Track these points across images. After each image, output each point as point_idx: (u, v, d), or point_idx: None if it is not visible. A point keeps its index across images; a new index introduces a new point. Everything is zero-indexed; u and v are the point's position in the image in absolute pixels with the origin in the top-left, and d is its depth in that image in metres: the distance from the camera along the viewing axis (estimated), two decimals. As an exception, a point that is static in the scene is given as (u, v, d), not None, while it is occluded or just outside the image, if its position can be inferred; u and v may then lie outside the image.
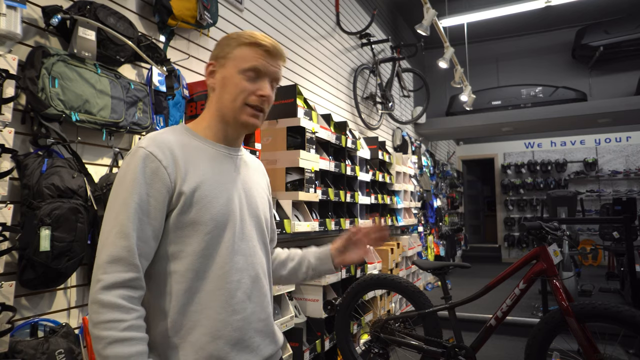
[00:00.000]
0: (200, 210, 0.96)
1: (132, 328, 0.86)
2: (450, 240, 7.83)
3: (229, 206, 1.01)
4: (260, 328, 1.03)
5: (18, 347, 1.31)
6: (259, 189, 1.15)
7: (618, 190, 9.15)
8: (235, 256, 1.00)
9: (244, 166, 1.12)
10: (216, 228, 0.98)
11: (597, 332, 2.17)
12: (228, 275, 0.98)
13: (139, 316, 0.88)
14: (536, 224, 2.41)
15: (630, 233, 3.75)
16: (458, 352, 2.40)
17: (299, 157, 2.58)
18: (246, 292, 1.01)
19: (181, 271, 0.95)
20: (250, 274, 1.02)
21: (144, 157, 0.93)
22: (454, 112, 7.62)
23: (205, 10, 2.16)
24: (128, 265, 0.88)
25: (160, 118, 1.95)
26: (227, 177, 1.04)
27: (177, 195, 0.95)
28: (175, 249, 0.96)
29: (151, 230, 0.92)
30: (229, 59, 1.03)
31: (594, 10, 6.84)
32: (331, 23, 4.24)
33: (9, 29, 1.36)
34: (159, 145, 0.96)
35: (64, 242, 1.41)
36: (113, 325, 0.84)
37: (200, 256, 0.96)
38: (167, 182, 0.94)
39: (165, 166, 0.94)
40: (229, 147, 1.09)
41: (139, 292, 0.90)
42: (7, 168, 1.33)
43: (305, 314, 2.79)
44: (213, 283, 0.96)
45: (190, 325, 0.94)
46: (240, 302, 0.99)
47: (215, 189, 0.99)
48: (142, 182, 0.92)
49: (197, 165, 0.99)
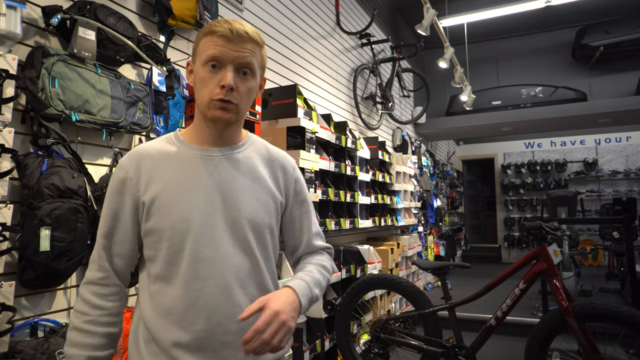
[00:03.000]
0: (159, 218, 0.98)
1: (92, 322, 0.98)
2: (450, 240, 7.83)
3: (190, 213, 0.97)
4: (230, 340, 0.97)
5: (18, 347, 1.31)
6: (252, 189, 1.05)
7: (618, 190, 9.15)
8: (198, 264, 0.96)
9: (232, 165, 1.04)
10: (175, 235, 0.97)
11: (597, 332, 2.17)
12: (189, 284, 0.96)
13: (103, 314, 0.99)
14: (536, 224, 2.41)
15: (630, 233, 3.75)
16: (458, 352, 2.40)
17: (299, 157, 2.58)
18: (209, 302, 0.96)
19: (153, 274, 1.00)
20: (217, 283, 0.96)
21: (118, 169, 1.03)
22: (454, 112, 7.61)
23: (205, 10, 2.16)
24: (98, 266, 1.01)
25: (160, 118, 1.95)
26: (198, 182, 1.00)
27: (141, 204, 1.00)
28: (149, 253, 1.01)
29: (123, 235, 1.01)
30: (196, 53, 1.02)
31: (594, 10, 6.84)
32: (331, 23, 4.24)
33: (9, 29, 1.36)
34: (131, 156, 1.03)
35: (64, 242, 1.41)
36: (79, 316, 0.98)
37: (165, 262, 0.98)
38: (133, 192, 1.01)
39: (131, 177, 1.01)
40: (213, 148, 1.04)
41: (108, 289, 1.01)
42: (7, 168, 1.33)
43: (305, 314, 2.80)
44: (176, 290, 0.97)
45: (157, 326, 0.97)
46: (201, 312, 0.95)
47: (177, 196, 0.98)
48: (113, 193, 1.02)
49: (163, 173, 1.01)
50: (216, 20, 1.00)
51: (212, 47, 0.97)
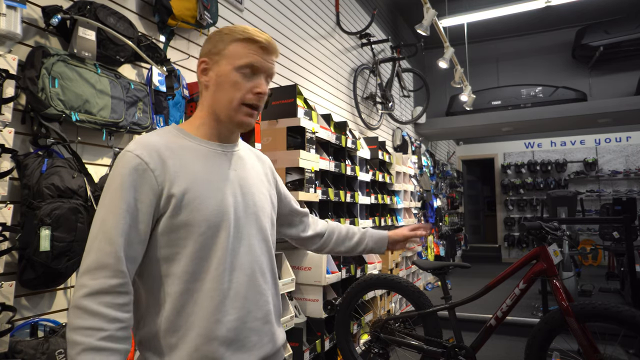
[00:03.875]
0: (192, 212, 0.94)
1: (111, 339, 0.84)
2: (450, 240, 7.83)
3: (223, 206, 0.99)
4: (256, 327, 1.01)
5: (18, 347, 1.31)
6: (258, 184, 1.12)
7: (618, 190, 9.15)
8: (230, 256, 0.99)
9: (239, 162, 1.09)
10: (209, 229, 0.96)
11: (597, 332, 2.17)
12: (223, 276, 0.97)
13: (121, 327, 0.87)
14: (536, 224, 2.41)
15: (630, 233, 3.75)
16: (458, 352, 2.40)
17: (299, 157, 2.58)
18: (241, 291, 0.99)
19: (177, 273, 0.94)
20: (246, 273, 1.01)
21: (131, 160, 0.92)
22: (454, 112, 7.61)
23: (205, 10, 2.16)
24: (114, 271, 0.87)
25: (160, 118, 1.95)
26: (221, 175, 1.02)
27: (167, 198, 0.93)
28: (169, 251, 0.95)
29: (138, 235, 0.92)
30: (223, 55, 1.01)
31: (594, 10, 6.84)
32: (331, 23, 4.24)
33: (9, 29, 1.36)
34: (147, 148, 0.95)
35: (64, 242, 1.41)
36: (92, 333, 0.83)
37: (195, 258, 0.95)
38: (155, 185, 0.93)
39: (153, 169, 0.93)
40: (223, 144, 1.07)
41: (125, 298, 0.89)
42: (7, 168, 1.33)
43: (305, 314, 2.79)
44: (208, 284, 0.95)
45: (186, 327, 0.94)
46: (234, 302, 0.98)
47: (207, 189, 0.97)
48: (130, 186, 0.91)
49: (188, 166, 0.98)
50: (247, 28, 1.03)
51: (251, 55, 1.01)
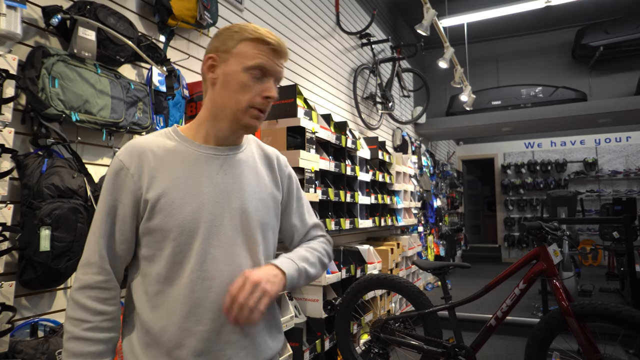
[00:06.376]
0: (165, 217, 0.94)
1: (94, 329, 0.93)
2: (450, 240, 7.83)
3: (199, 212, 0.96)
4: (232, 340, 0.97)
5: (18, 347, 1.31)
6: (255, 189, 1.05)
7: (618, 190, 9.15)
8: (205, 264, 0.95)
9: (235, 165, 1.04)
10: (182, 235, 0.94)
11: (597, 332, 2.17)
12: (195, 284, 0.94)
13: (105, 319, 0.95)
14: (536, 224, 2.41)
15: (630, 233, 3.75)
16: (458, 352, 2.40)
17: (299, 157, 2.58)
18: (216, 302, 0.95)
19: (153, 274, 0.96)
20: (223, 283, 0.96)
21: (115, 165, 0.97)
22: (454, 112, 7.62)
23: (205, 10, 2.16)
24: (99, 268, 0.95)
25: (160, 118, 1.95)
26: (204, 180, 0.98)
27: (144, 202, 0.95)
28: (148, 252, 0.97)
29: (121, 234, 0.97)
30: (232, 53, 0.98)
31: (594, 10, 6.84)
32: (331, 23, 4.24)
33: (9, 29, 1.36)
34: (130, 152, 0.98)
35: (64, 242, 1.41)
36: (78, 324, 0.92)
37: (169, 262, 0.95)
38: (134, 188, 0.96)
39: (132, 174, 0.96)
40: (218, 147, 1.03)
41: (109, 293, 0.96)
42: (7, 168, 1.33)
43: (305, 314, 2.79)
44: (180, 290, 0.94)
45: (159, 328, 0.94)
46: (206, 312, 0.95)
47: (184, 195, 0.96)
48: (112, 189, 0.96)
49: (168, 170, 0.97)
50: (258, 27, 0.99)
51: (261, 56, 0.97)
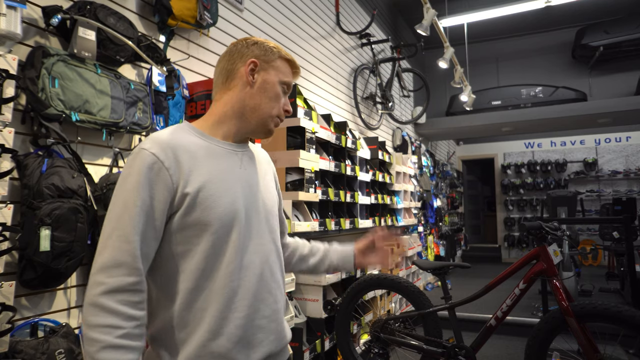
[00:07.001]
0: (205, 211, 0.96)
1: (128, 336, 0.86)
2: (450, 240, 7.83)
3: (235, 205, 1.00)
4: (263, 325, 1.03)
5: (18, 347, 1.31)
6: (267, 183, 1.15)
7: (618, 190, 9.15)
8: (241, 254, 1.00)
9: (249, 161, 1.11)
10: (222, 227, 0.97)
11: (597, 332, 2.17)
12: (233, 274, 0.98)
13: (137, 325, 0.89)
14: (536, 224, 2.41)
15: (630, 233, 3.74)
16: (458, 352, 2.40)
17: (299, 157, 2.58)
18: (250, 289, 1.01)
19: (189, 270, 0.96)
20: (255, 272, 1.02)
21: (147, 158, 0.93)
22: (454, 112, 7.62)
23: (205, 10, 2.16)
24: (131, 269, 0.88)
25: (160, 118, 1.95)
26: (233, 175, 1.04)
27: (181, 196, 0.95)
28: (182, 248, 0.96)
29: (153, 232, 0.93)
30: (272, 66, 1.09)
31: (594, 10, 6.84)
32: (331, 23, 4.24)
33: (9, 29, 1.36)
34: (162, 145, 0.95)
35: (64, 242, 1.41)
36: (110, 331, 0.85)
37: (207, 255, 0.96)
38: (169, 183, 0.94)
39: (168, 167, 0.94)
40: (235, 144, 1.09)
41: (141, 296, 0.90)
42: (7, 168, 1.33)
43: (305, 314, 2.79)
44: (218, 281, 0.97)
45: (194, 323, 0.96)
46: (242, 300, 0.99)
47: (220, 188, 0.99)
48: (145, 184, 0.92)
49: (201, 165, 0.99)
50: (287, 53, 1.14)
51: (290, 75, 1.14)
